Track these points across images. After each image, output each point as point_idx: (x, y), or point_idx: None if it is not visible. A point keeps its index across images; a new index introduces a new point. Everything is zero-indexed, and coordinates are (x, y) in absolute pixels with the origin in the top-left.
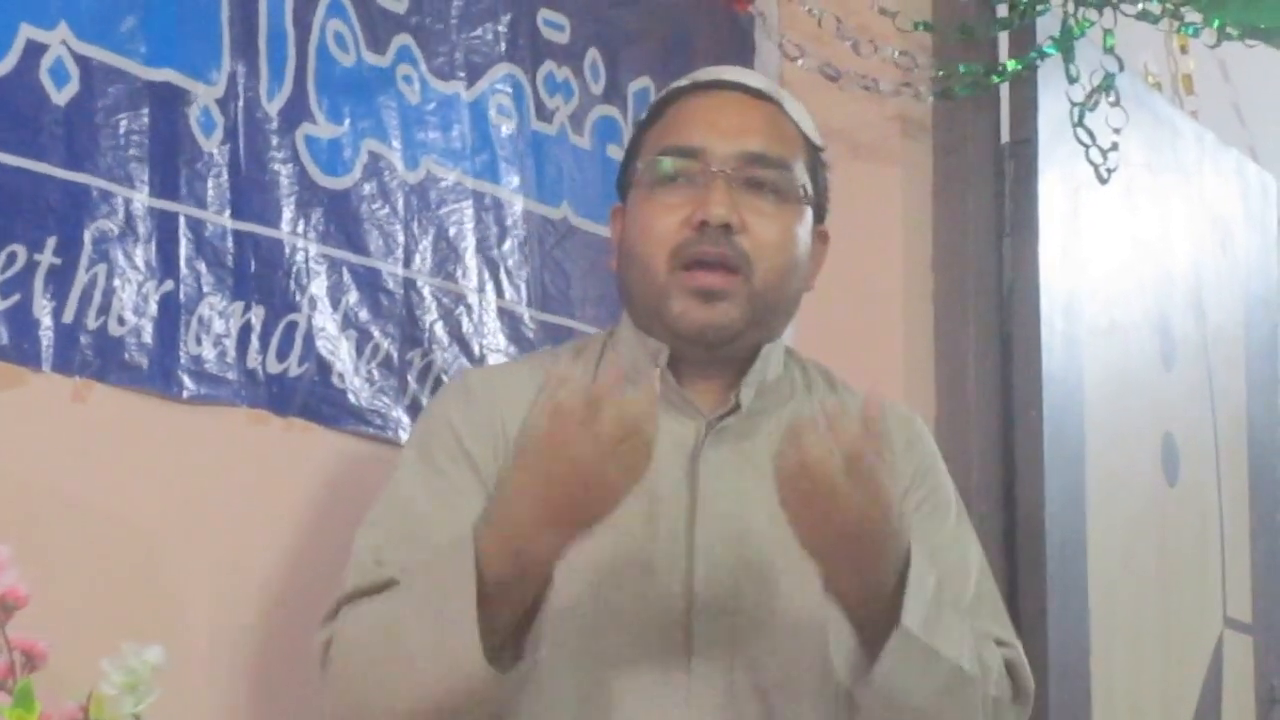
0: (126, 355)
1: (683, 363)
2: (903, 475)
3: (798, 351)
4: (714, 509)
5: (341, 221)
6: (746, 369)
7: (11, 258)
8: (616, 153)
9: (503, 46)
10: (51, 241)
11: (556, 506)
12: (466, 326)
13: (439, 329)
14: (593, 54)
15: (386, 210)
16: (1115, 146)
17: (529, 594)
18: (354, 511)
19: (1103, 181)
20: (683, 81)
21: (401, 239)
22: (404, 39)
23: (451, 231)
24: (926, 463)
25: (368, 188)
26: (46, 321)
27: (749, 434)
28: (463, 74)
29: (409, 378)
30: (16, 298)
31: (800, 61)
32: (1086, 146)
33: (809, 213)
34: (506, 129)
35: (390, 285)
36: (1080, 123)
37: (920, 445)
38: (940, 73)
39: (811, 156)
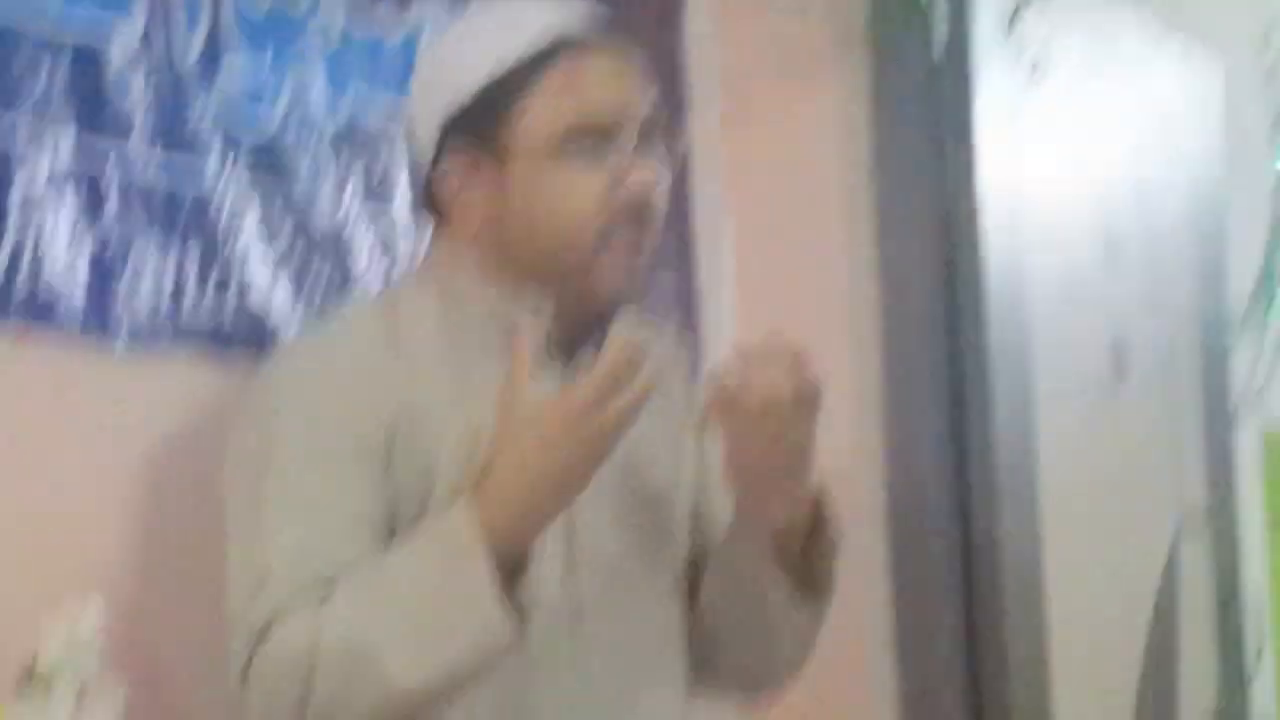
0: (61, 302)
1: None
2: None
3: None
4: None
5: (270, 158)
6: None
7: None
8: None
9: None
10: None
11: (558, 473)
12: (403, 260)
13: (373, 269)
14: None
15: (316, 145)
16: (1048, 43)
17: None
18: None
19: (1036, 82)
20: (543, 41)
21: (332, 173)
22: None
23: (384, 163)
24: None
25: (295, 123)
26: None
27: None
28: (386, 11)
29: None
30: None
31: None
32: (1021, 47)
33: None
34: None
35: (325, 220)
36: (1015, 22)
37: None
38: None
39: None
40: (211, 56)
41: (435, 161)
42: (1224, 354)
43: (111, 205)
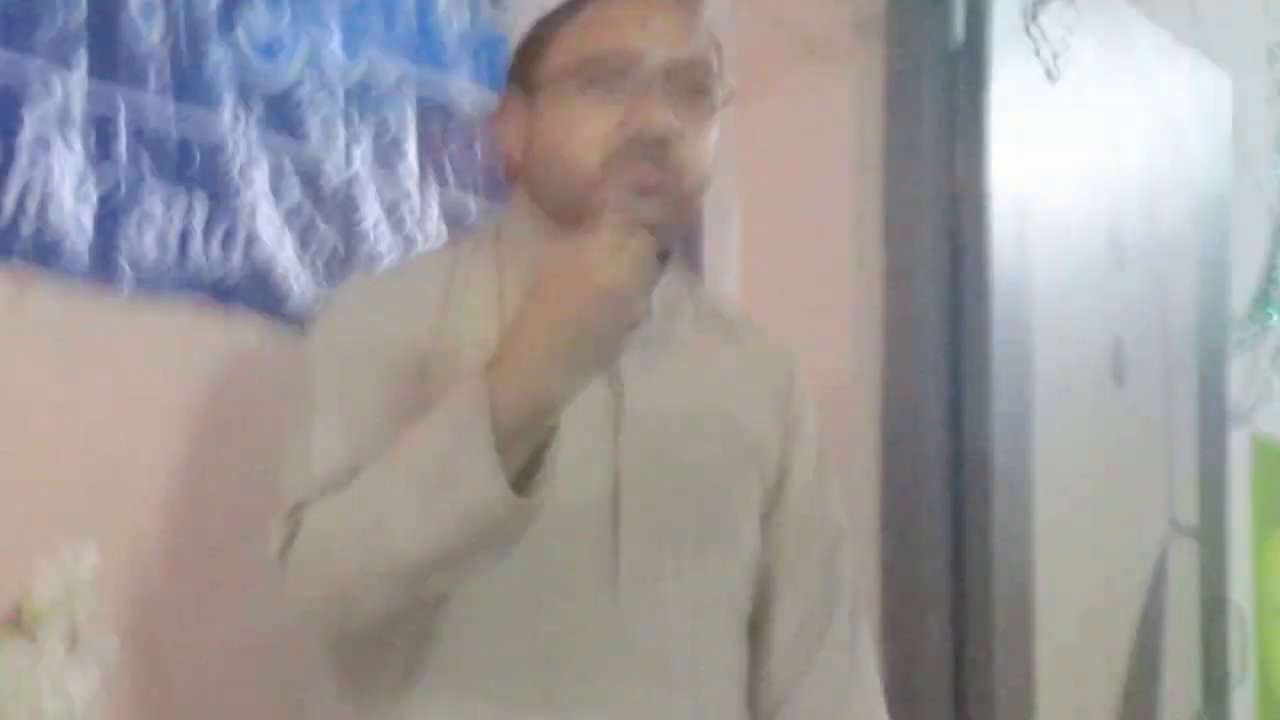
0: (67, 246)
1: None
2: (788, 406)
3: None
4: (637, 411)
5: (282, 115)
6: None
7: None
8: None
9: None
10: None
11: (567, 347)
12: (409, 222)
13: (383, 223)
14: None
15: (328, 103)
16: (1066, 46)
17: (538, 442)
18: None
19: (1052, 81)
20: None
21: (343, 133)
22: None
23: (394, 124)
24: (805, 413)
25: (309, 80)
26: None
27: (660, 340)
28: None
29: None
30: None
31: None
32: (1038, 46)
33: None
34: (458, 22)
35: (334, 179)
36: (1033, 19)
37: (803, 391)
38: None
39: (720, 56)
40: (230, 7)
41: None
42: (1221, 361)
43: (121, 151)
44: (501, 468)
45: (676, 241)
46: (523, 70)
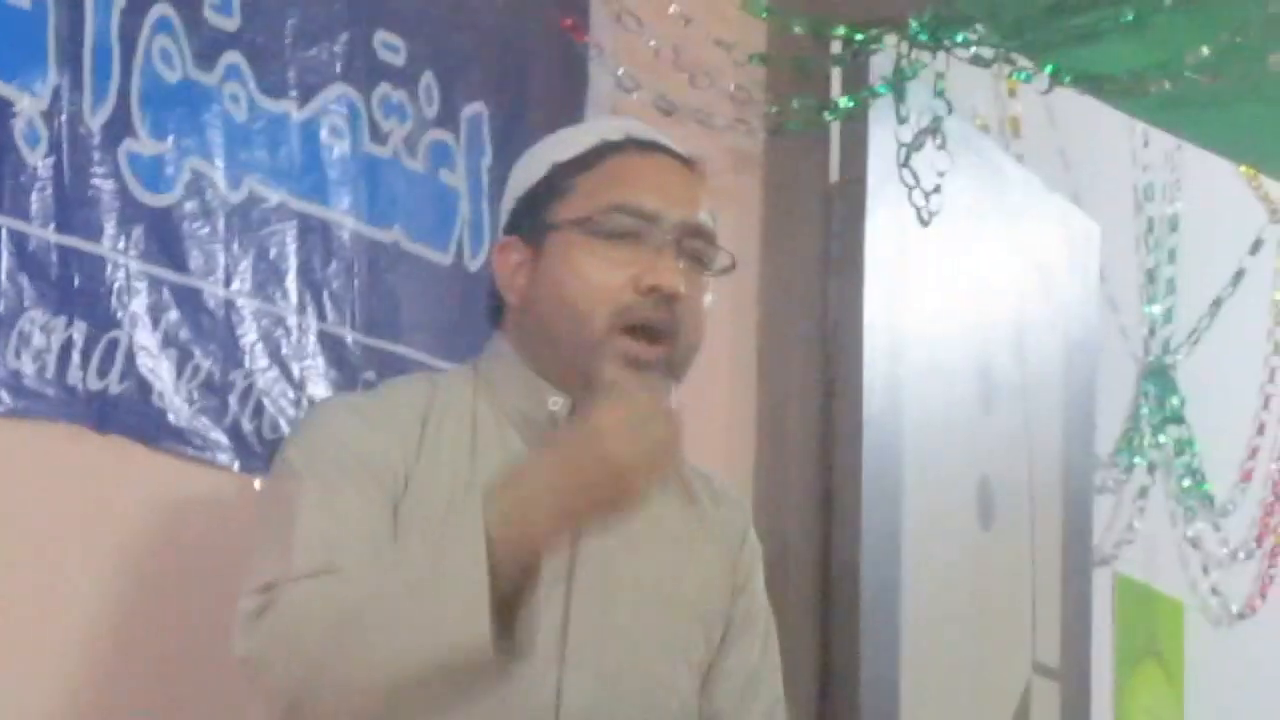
0: None
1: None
2: (738, 564)
3: None
4: (591, 557)
5: (163, 239)
6: None
7: None
8: (449, 177)
9: (338, 67)
10: None
11: (578, 498)
12: (286, 349)
13: (259, 350)
14: (428, 77)
15: (208, 229)
16: (938, 189)
17: (519, 584)
18: (172, 532)
19: (924, 224)
20: (614, 135)
21: (222, 259)
22: (234, 56)
23: (273, 252)
24: (755, 565)
25: (189, 206)
26: None
27: None
28: (295, 93)
29: (230, 399)
30: None
31: (635, 94)
32: (910, 188)
33: None
34: (339, 150)
35: (211, 305)
36: (906, 164)
37: (754, 549)
38: (774, 108)
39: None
40: (116, 128)
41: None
42: (1086, 502)
43: (3, 270)
44: (489, 606)
45: None
46: (529, 213)
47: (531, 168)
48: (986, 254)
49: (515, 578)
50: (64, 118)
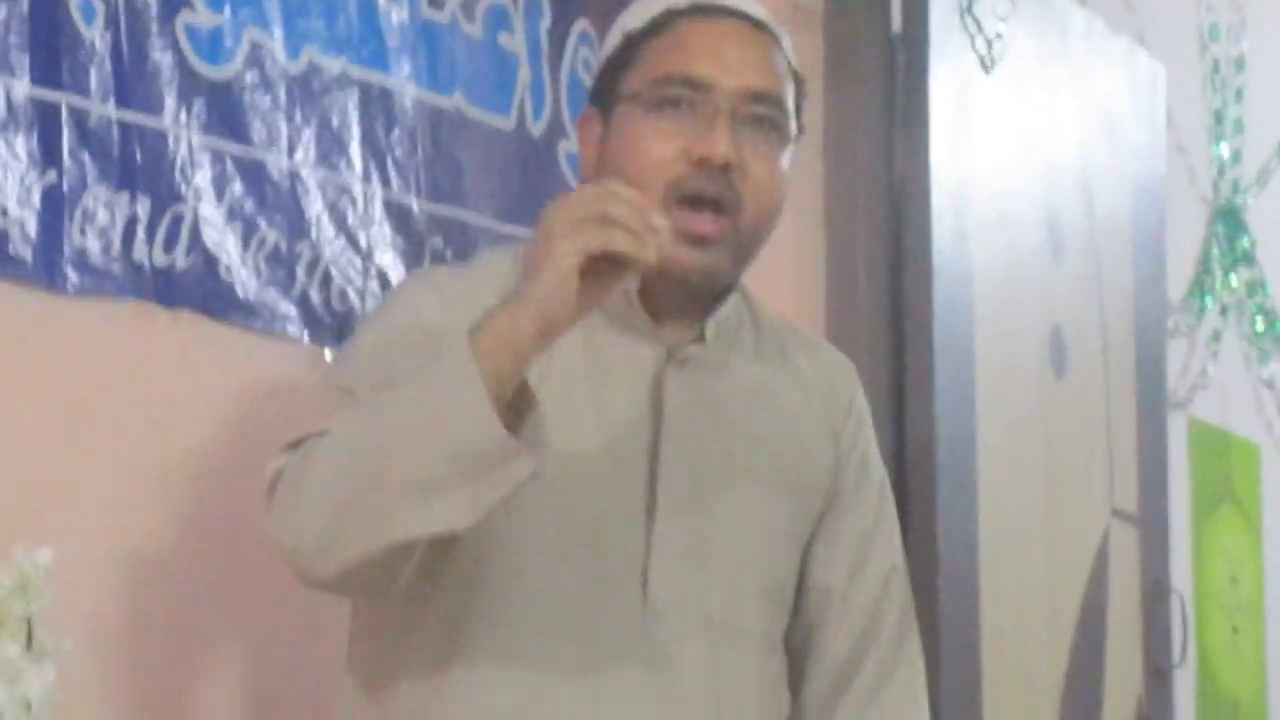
0: (10, 248)
1: (646, 290)
2: (842, 433)
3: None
4: (679, 433)
5: (224, 111)
6: (709, 302)
7: None
8: (508, 41)
9: None
10: None
11: (522, 286)
12: (352, 218)
13: (325, 220)
14: None
15: (269, 100)
16: (1000, 36)
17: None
18: (243, 406)
19: (987, 70)
20: (680, 1)
21: (284, 129)
22: None
23: (335, 122)
24: (862, 431)
25: (249, 77)
26: None
27: (713, 369)
28: None
29: (297, 270)
30: None
31: None
32: (973, 36)
33: (790, 149)
34: (396, 16)
35: (275, 176)
36: (969, 10)
37: (860, 416)
38: None
39: (798, 90)
40: (169, 5)
41: None
42: (1159, 347)
43: (65, 148)
44: (484, 388)
45: (737, 274)
46: (605, 84)
47: (611, 37)
48: (1051, 100)
49: (507, 376)
50: None
